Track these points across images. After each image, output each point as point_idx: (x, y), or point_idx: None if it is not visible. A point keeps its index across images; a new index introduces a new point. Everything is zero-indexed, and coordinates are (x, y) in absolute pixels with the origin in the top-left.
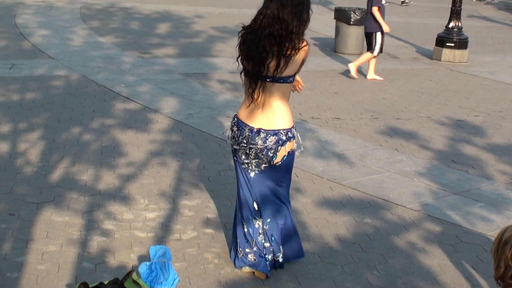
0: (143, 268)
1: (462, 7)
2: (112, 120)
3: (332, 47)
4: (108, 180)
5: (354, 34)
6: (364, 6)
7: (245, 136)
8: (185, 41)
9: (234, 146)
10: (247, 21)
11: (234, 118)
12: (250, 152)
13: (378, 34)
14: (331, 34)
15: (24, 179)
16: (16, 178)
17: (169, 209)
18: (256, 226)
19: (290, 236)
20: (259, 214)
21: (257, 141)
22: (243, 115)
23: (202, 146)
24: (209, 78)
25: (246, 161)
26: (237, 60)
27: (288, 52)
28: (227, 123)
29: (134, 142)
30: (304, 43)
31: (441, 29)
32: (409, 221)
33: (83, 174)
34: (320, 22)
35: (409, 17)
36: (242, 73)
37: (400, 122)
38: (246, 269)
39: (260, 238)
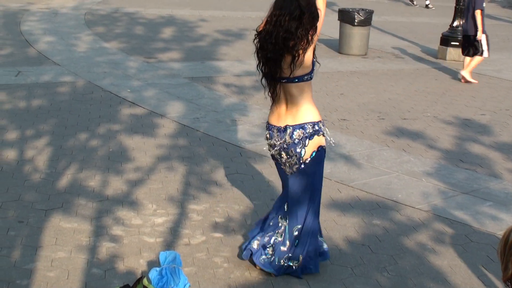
0: (153, 274)
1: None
2: (118, 126)
3: (336, 49)
4: (116, 185)
5: (358, 35)
6: (367, 6)
7: (276, 137)
8: (190, 45)
9: (271, 151)
10: (251, 24)
11: (266, 124)
12: (282, 153)
13: (483, 36)
14: (335, 35)
15: (32, 186)
16: (24, 185)
17: (177, 213)
18: (280, 225)
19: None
20: (286, 215)
21: (285, 138)
22: (271, 119)
23: (209, 150)
24: (214, 81)
25: (282, 160)
26: (257, 68)
27: (302, 49)
28: (234, 127)
29: (141, 147)
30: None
31: (446, 28)
32: (418, 222)
33: (91, 180)
34: (324, 23)
35: (414, 17)
36: (262, 79)
37: (407, 122)
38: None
39: (280, 238)
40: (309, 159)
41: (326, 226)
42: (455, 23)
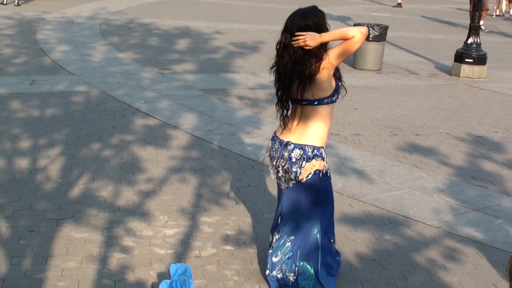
0: (163, 286)
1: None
2: (131, 136)
3: (350, 63)
4: (128, 196)
5: (372, 50)
6: (382, 22)
7: (275, 149)
8: (204, 57)
9: (269, 160)
10: (267, 37)
11: (273, 133)
12: (279, 166)
13: None
14: None
15: (44, 195)
16: (36, 194)
17: (188, 225)
18: (271, 239)
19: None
20: (279, 229)
21: (284, 154)
22: (278, 130)
23: (222, 163)
24: (228, 94)
25: (278, 175)
26: (276, 94)
27: (309, 72)
28: (247, 140)
29: (153, 158)
30: (323, 61)
31: (460, 45)
32: (429, 238)
33: (103, 190)
34: None
35: (429, 33)
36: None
37: (420, 138)
38: None
39: (271, 250)
40: (305, 179)
41: (337, 241)
42: (470, 40)
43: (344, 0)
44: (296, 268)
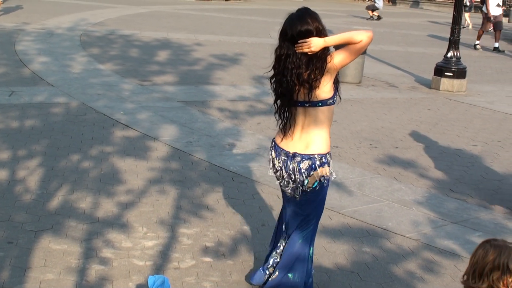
0: None
1: (460, 36)
2: (111, 148)
3: None
4: (107, 208)
5: (353, 63)
6: None
7: (282, 160)
8: (185, 68)
9: (275, 173)
10: (247, 49)
11: (272, 142)
12: (285, 176)
13: None
14: None
15: (23, 207)
16: (15, 206)
17: (167, 237)
18: (279, 245)
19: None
20: (285, 235)
21: (293, 165)
22: (280, 141)
23: (201, 174)
24: (208, 105)
25: (282, 183)
26: (274, 103)
27: (314, 76)
28: (227, 152)
29: (133, 169)
30: (328, 63)
31: (440, 59)
32: (408, 250)
33: (82, 202)
34: None
35: (409, 47)
36: (276, 113)
37: (399, 151)
38: None
39: (278, 259)
40: (311, 187)
41: (316, 253)
42: (449, 54)
43: (325, 13)
44: (277, 272)
